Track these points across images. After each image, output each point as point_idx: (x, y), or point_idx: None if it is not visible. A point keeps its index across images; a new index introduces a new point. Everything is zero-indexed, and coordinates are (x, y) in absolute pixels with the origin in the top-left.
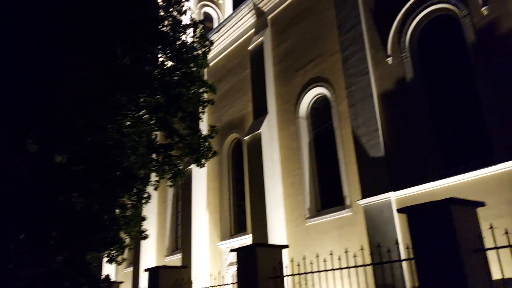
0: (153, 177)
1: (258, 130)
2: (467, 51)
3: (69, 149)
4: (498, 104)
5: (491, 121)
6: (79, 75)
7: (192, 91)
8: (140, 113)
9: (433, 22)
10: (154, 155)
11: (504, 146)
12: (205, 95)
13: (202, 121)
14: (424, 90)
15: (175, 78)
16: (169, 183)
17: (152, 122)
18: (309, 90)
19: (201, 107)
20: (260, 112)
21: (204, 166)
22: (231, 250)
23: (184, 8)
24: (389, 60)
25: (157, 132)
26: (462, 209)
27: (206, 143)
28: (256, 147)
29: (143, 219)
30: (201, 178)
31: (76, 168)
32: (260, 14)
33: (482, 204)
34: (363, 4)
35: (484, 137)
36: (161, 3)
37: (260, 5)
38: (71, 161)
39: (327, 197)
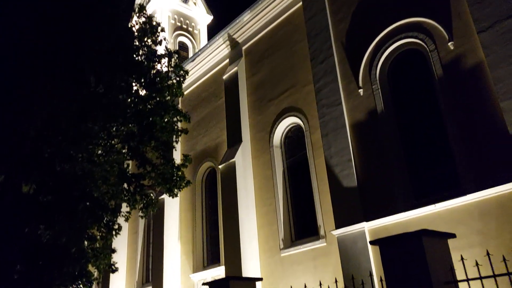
0: (124, 207)
1: (233, 158)
2: (435, 84)
3: (36, 179)
4: (464, 136)
5: (458, 153)
6: (49, 103)
7: (166, 120)
8: (112, 142)
9: (403, 55)
10: (125, 185)
11: (471, 177)
12: (179, 124)
13: (175, 150)
14: (394, 121)
15: (149, 107)
16: (141, 214)
17: (124, 151)
18: (282, 120)
19: (174, 136)
20: (235, 140)
21: (176, 196)
22: (204, 284)
23: (159, 39)
24: (361, 91)
25: (129, 161)
26: (434, 241)
27: (179, 173)
28: (230, 175)
29: (113, 251)
30: (173, 208)
31: (44, 198)
32: (234, 44)
33: (453, 235)
34: (334, 37)
35: (452, 168)
36: (136, 33)
37: (234, 36)
38: (38, 191)
39: (301, 227)
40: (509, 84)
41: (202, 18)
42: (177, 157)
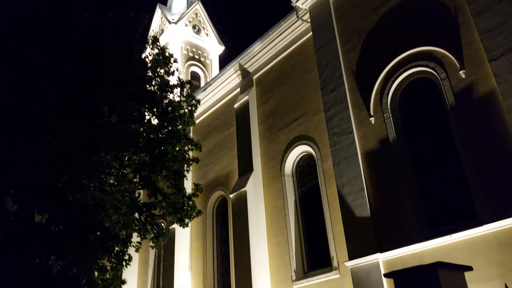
0: (135, 237)
1: (244, 187)
2: (447, 112)
3: (49, 209)
4: (478, 164)
5: (472, 182)
6: (62, 132)
7: (177, 149)
8: (124, 171)
9: (414, 83)
10: (136, 214)
11: (487, 207)
12: (191, 153)
13: (186, 179)
14: (407, 150)
15: (161, 136)
16: (151, 244)
17: (136, 180)
18: (294, 148)
19: (186, 165)
20: (246, 169)
21: (187, 226)
22: None
23: (172, 69)
24: (372, 120)
25: (141, 191)
26: (450, 274)
27: (190, 202)
28: (241, 205)
29: (123, 282)
30: (184, 238)
31: (56, 228)
32: (245, 74)
33: (470, 268)
34: (345, 66)
35: (467, 197)
36: (149, 64)
37: (245, 66)
38: (50, 221)
39: (314, 258)
40: None
41: (214, 48)
42: (188, 186)
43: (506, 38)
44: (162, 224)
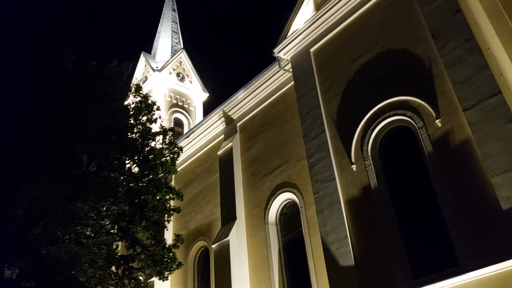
0: None
1: (227, 237)
2: (425, 160)
3: (20, 263)
4: (458, 212)
5: (453, 229)
6: (38, 182)
7: (158, 198)
8: (102, 222)
9: (393, 131)
10: (113, 268)
11: (468, 255)
12: (172, 202)
13: (167, 229)
14: (388, 197)
15: (141, 185)
16: None
17: (114, 231)
18: (277, 196)
19: (166, 215)
20: (229, 218)
21: (167, 279)
22: None
23: (154, 117)
24: (354, 167)
25: (118, 242)
26: None
27: (170, 254)
28: (224, 255)
29: None
30: None
31: (27, 284)
32: (229, 121)
33: None
34: (326, 114)
35: (449, 245)
36: (132, 112)
37: (229, 113)
38: (21, 276)
39: None
40: (498, 160)
41: (198, 95)
42: (169, 236)
43: (478, 88)
44: (140, 278)
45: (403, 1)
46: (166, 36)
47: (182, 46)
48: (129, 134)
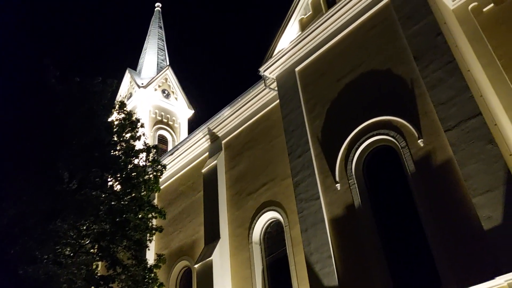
0: None
1: (210, 257)
2: (408, 179)
3: None
4: (440, 232)
5: (435, 249)
6: (18, 200)
7: (140, 217)
8: (82, 242)
9: (377, 151)
10: None
11: (451, 274)
12: (154, 221)
13: (148, 249)
14: (372, 217)
15: (123, 203)
16: None
17: (94, 251)
18: (262, 214)
19: (148, 234)
20: (212, 237)
21: None
22: None
23: (138, 134)
24: (338, 186)
25: (99, 262)
26: None
27: (152, 274)
28: (207, 276)
29: None
30: None
31: None
32: (214, 138)
33: None
34: (310, 133)
35: (432, 265)
36: (115, 129)
37: (214, 130)
38: None
39: None
40: (479, 181)
41: (183, 112)
42: (150, 256)
43: (459, 109)
44: None
45: (386, 23)
46: (152, 53)
47: (168, 63)
48: (112, 151)
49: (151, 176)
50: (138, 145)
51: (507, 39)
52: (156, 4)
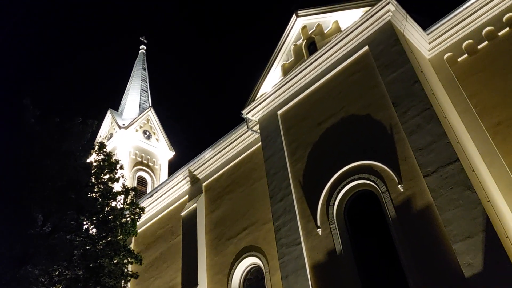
0: None
1: None
2: (389, 224)
3: None
4: (422, 277)
5: None
6: None
7: (115, 262)
8: None
9: (358, 195)
10: None
11: None
12: (130, 267)
13: None
14: (353, 262)
15: (98, 247)
16: None
17: None
18: (242, 260)
19: (123, 281)
20: (190, 284)
21: None
22: None
23: (117, 176)
24: (319, 231)
25: None
26: None
27: None
28: None
29: None
30: None
31: None
32: (195, 180)
33: None
34: (292, 176)
35: None
36: (94, 170)
37: (195, 172)
38: None
39: None
40: (458, 227)
41: (164, 153)
42: None
43: (437, 155)
44: None
45: (366, 70)
46: (135, 94)
47: (150, 104)
48: (89, 193)
49: (128, 219)
50: (117, 187)
51: (481, 88)
52: (141, 47)
